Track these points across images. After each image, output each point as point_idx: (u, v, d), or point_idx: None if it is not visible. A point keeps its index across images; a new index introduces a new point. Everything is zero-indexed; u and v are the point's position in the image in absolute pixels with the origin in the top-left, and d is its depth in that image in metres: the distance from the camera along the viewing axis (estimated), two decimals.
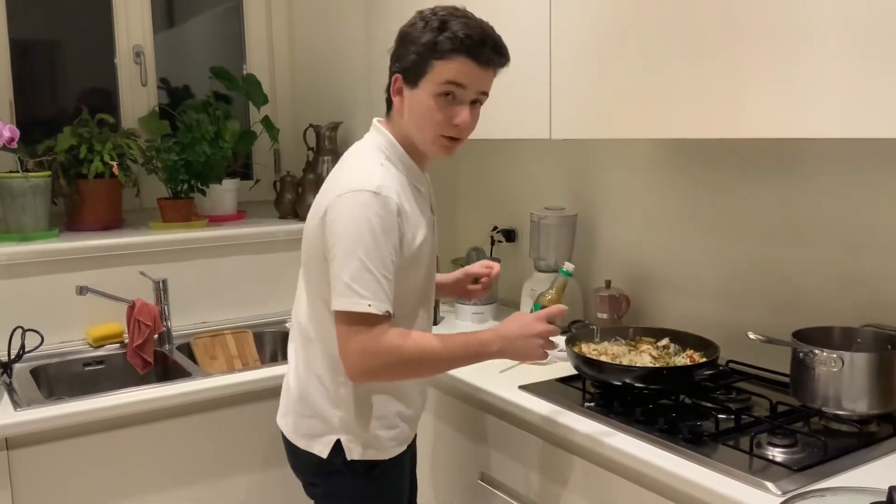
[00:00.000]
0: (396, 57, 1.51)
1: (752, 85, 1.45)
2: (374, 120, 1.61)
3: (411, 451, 1.72)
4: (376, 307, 1.40)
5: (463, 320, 2.41)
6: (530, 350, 1.52)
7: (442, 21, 1.45)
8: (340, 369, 1.48)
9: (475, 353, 1.51)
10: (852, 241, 1.72)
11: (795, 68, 1.38)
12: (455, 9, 1.48)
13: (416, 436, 1.74)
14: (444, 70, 1.45)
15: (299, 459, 1.62)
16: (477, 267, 1.85)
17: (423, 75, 1.46)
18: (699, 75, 1.54)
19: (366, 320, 1.41)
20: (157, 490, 1.91)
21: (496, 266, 1.83)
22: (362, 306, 1.40)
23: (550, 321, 1.53)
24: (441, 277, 1.83)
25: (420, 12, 1.50)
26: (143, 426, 1.88)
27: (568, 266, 1.77)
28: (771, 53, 1.41)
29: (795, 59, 1.37)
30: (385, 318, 1.42)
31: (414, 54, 1.46)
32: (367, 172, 1.47)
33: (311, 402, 1.56)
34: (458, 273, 1.87)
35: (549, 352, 1.61)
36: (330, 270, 1.44)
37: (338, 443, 1.54)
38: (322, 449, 1.55)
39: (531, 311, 1.61)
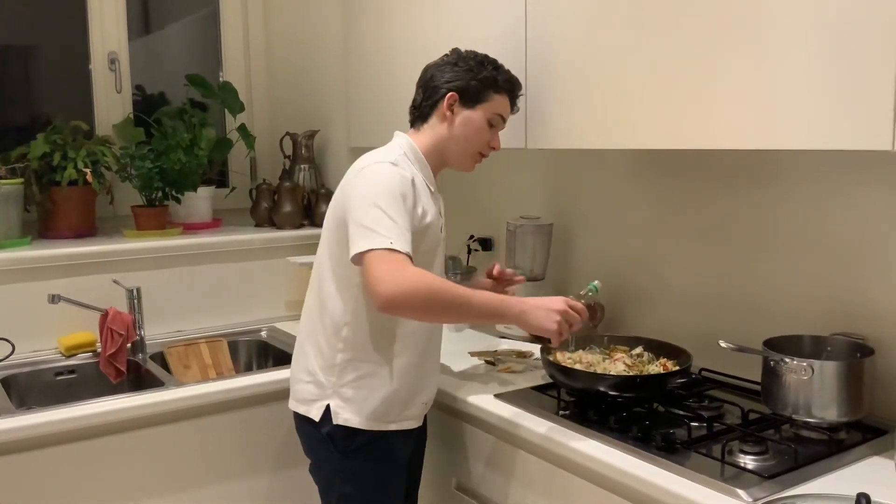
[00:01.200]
0: (452, 79, 1.72)
1: (724, 96, 1.47)
2: (395, 133, 1.79)
3: (414, 441, 1.77)
4: (399, 245, 1.50)
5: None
6: (547, 322, 1.60)
7: (494, 64, 1.75)
8: (339, 336, 1.65)
9: (496, 308, 1.61)
10: (823, 250, 1.74)
11: (767, 80, 1.40)
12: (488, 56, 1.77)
13: (422, 431, 1.81)
14: (498, 103, 1.75)
15: (300, 433, 1.76)
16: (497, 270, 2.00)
17: (482, 102, 1.72)
18: (673, 87, 1.56)
19: (391, 253, 1.49)
20: (130, 500, 1.89)
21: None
22: (385, 243, 1.49)
23: (574, 309, 1.63)
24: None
25: (462, 51, 1.76)
26: (116, 436, 1.86)
27: (597, 283, 1.84)
28: (743, 65, 1.43)
29: (767, 71, 1.39)
30: (408, 256, 1.50)
31: (476, 82, 1.71)
32: (385, 155, 1.66)
33: (311, 369, 1.70)
34: (484, 281, 2.01)
35: (525, 361, 1.78)
36: (350, 226, 1.55)
37: (328, 408, 1.66)
38: (316, 413, 1.68)
39: None
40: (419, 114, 1.77)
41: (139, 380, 2.22)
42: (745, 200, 1.88)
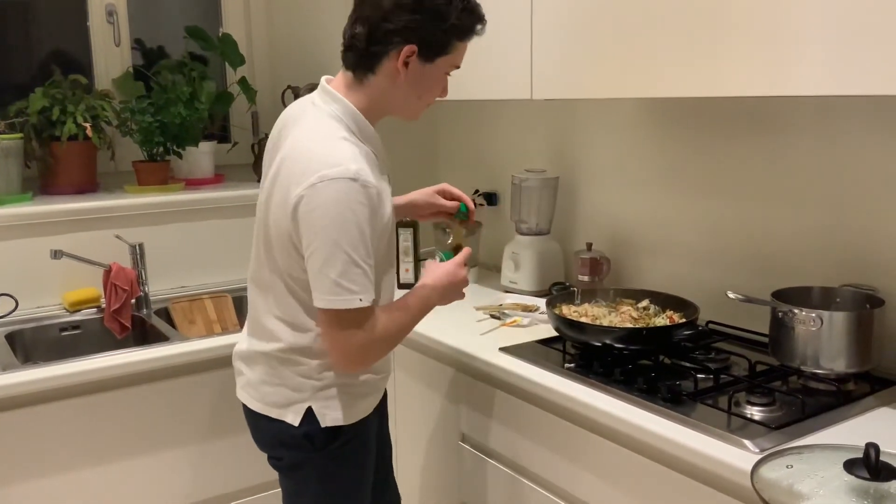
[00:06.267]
0: (413, 26, 1.41)
1: (733, 42, 1.43)
2: (324, 81, 1.52)
3: (378, 414, 1.68)
4: (366, 300, 1.38)
5: None
6: (457, 295, 1.60)
7: (472, 5, 1.46)
8: (314, 339, 1.48)
9: (423, 310, 1.54)
10: (832, 200, 1.72)
11: (776, 25, 1.36)
12: None
13: (385, 397, 1.73)
14: (459, 52, 1.49)
15: (263, 432, 1.59)
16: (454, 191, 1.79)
17: (443, 53, 1.46)
18: (681, 33, 1.52)
19: (358, 315, 1.39)
20: (135, 454, 1.90)
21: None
22: (354, 303, 1.37)
23: (466, 264, 1.61)
24: (404, 198, 1.78)
25: None
26: (121, 390, 1.87)
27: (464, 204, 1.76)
28: (752, 10, 1.39)
29: (776, 16, 1.35)
30: (372, 308, 1.41)
31: (441, 32, 1.44)
32: (336, 152, 1.38)
33: (280, 374, 1.52)
34: (428, 190, 1.80)
35: (530, 315, 1.82)
36: (310, 265, 1.38)
37: (309, 410, 1.50)
38: (293, 417, 1.51)
39: (441, 261, 1.63)
40: (359, 61, 1.46)
41: (144, 335, 2.22)
42: (754, 150, 1.85)
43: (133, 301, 2.22)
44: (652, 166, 2.11)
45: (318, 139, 1.42)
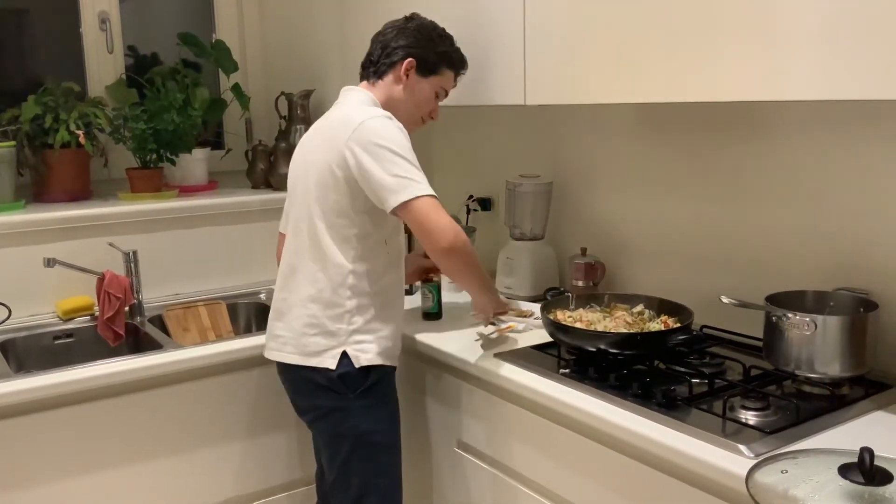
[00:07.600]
0: (413, 45, 1.82)
1: (727, 48, 1.43)
2: (349, 88, 1.87)
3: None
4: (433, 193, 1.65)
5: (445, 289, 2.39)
6: (488, 309, 1.90)
7: (451, 40, 1.89)
8: (346, 285, 1.72)
9: (489, 284, 1.88)
10: (826, 204, 1.72)
11: (770, 31, 1.36)
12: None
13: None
14: (447, 78, 1.89)
15: (302, 382, 1.79)
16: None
17: (434, 73, 1.86)
18: (675, 37, 1.52)
19: (436, 201, 1.64)
20: (129, 463, 1.89)
21: None
22: (427, 190, 1.63)
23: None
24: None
25: (424, 20, 1.87)
26: (115, 399, 1.86)
27: None
28: (745, 16, 1.39)
29: (770, 22, 1.36)
30: None
31: (433, 54, 1.84)
32: (373, 110, 1.74)
33: (317, 322, 1.74)
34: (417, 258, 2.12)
35: (525, 321, 1.95)
36: (376, 177, 1.63)
37: (344, 353, 1.73)
38: (331, 362, 1.72)
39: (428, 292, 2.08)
40: (374, 70, 1.86)
41: (138, 343, 2.21)
42: (747, 155, 1.86)
43: (127, 309, 2.21)
44: (646, 171, 2.11)
45: (353, 108, 1.77)
